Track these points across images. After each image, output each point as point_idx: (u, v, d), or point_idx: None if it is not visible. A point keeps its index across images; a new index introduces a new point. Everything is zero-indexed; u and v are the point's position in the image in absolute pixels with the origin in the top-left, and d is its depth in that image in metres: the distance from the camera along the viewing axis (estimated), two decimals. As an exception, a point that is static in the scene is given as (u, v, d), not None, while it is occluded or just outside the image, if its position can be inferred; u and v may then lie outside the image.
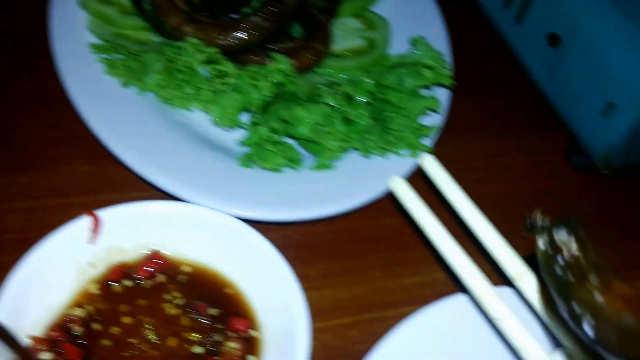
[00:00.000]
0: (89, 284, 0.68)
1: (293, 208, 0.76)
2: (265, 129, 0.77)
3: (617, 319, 0.44)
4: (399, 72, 0.86)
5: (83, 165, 0.81)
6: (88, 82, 0.81)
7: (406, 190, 0.65)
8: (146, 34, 0.88)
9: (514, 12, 0.94)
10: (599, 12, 0.82)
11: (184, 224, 0.71)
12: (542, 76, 0.92)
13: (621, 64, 0.79)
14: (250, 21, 0.83)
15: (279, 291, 0.67)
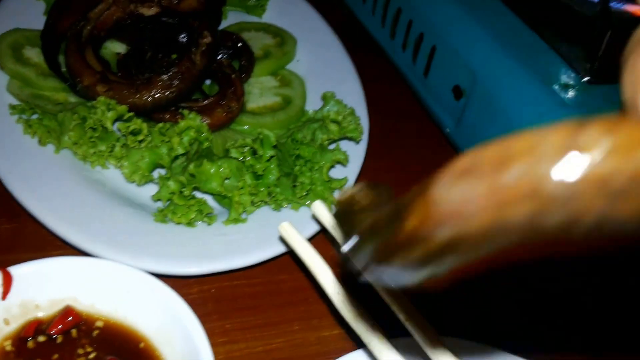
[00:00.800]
0: (3, 341, 0.72)
1: (205, 261, 0.82)
2: (174, 183, 0.83)
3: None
4: (312, 127, 0.93)
5: (2, 224, 0.86)
6: (6, 142, 0.87)
7: (294, 233, 0.70)
8: (64, 94, 0.94)
9: (421, 67, 1.03)
10: (495, 63, 0.91)
11: (98, 280, 0.75)
12: (451, 128, 0.99)
13: (520, 113, 0.87)
14: (161, 80, 0.90)
15: (191, 346, 0.72)
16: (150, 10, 0.99)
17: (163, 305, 0.74)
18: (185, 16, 1.00)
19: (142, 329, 0.75)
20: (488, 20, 0.95)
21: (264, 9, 1.19)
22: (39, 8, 1.06)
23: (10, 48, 0.95)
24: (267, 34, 1.11)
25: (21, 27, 0.99)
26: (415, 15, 1.02)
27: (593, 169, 0.27)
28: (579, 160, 0.27)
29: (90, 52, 0.95)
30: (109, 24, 0.99)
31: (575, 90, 0.86)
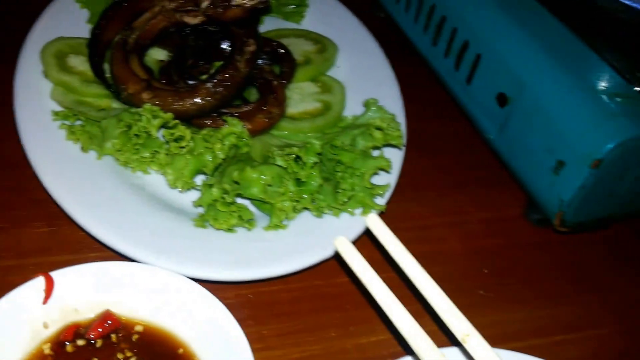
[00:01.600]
0: (42, 344, 0.71)
1: (245, 268, 0.80)
2: (217, 190, 0.81)
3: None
4: (352, 133, 0.91)
5: (41, 228, 0.85)
6: (48, 148, 0.86)
7: (351, 249, 0.68)
8: (107, 101, 0.94)
9: (464, 74, 1.00)
10: (543, 71, 0.88)
11: (138, 284, 0.74)
12: (494, 135, 0.97)
13: (567, 122, 0.84)
14: (205, 87, 0.89)
15: (231, 352, 0.70)
16: (195, 19, 0.98)
17: (203, 311, 0.73)
18: (228, 24, 0.99)
19: (182, 334, 0.74)
20: (536, 29, 0.92)
21: (303, 16, 1.17)
22: (81, 16, 1.05)
23: (54, 57, 0.95)
24: (307, 41, 1.10)
25: (65, 36, 0.99)
26: (460, 23, 1.00)
27: None
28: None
29: (136, 60, 0.94)
30: (153, 33, 0.98)
31: (625, 99, 0.83)
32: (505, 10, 0.95)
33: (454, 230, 0.98)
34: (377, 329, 0.83)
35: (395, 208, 0.94)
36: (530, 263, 0.96)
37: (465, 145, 1.10)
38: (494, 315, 0.88)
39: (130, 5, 0.99)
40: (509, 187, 1.03)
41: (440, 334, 0.67)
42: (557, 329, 0.88)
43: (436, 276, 0.61)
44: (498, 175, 1.05)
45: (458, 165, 1.07)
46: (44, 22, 1.02)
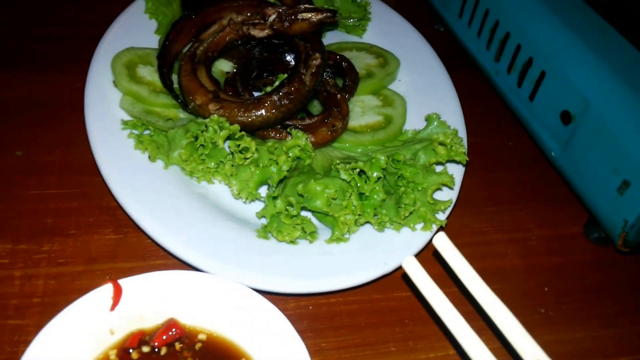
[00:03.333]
0: (109, 350, 0.70)
1: (307, 280, 0.78)
2: (281, 202, 0.80)
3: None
4: (413, 147, 0.89)
5: (109, 234, 0.85)
6: (117, 157, 0.86)
7: (419, 270, 0.66)
8: (174, 111, 0.93)
9: (527, 90, 0.97)
10: (609, 91, 0.84)
11: (201, 294, 0.73)
12: (557, 152, 0.93)
13: (634, 142, 0.81)
14: (271, 100, 0.88)
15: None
16: (262, 33, 0.97)
17: (265, 321, 0.71)
18: (293, 37, 0.98)
19: (244, 344, 0.72)
20: (602, 46, 0.89)
21: (365, 29, 1.15)
22: (150, 26, 1.05)
23: (125, 67, 0.95)
24: (369, 54, 1.08)
25: (134, 46, 0.99)
26: (524, 39, 0.97)
27: None
28: None
29: (204, 72, 0.93)
30: (221, 45, 0.97)
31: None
32: (571, 27, 0.91)
33: (513, 247, 0.95)
34: (436, 346, 0.80)
35: (454, 222, 0.92)
36: (591, 281, 0.92)
37: (525, 161, 1.07)
38: (556, 335, 0.84)
39: (199, 17, 0.98)
40: (569, 204, 1.00)
41: (504, 353, 0.64)
42: (621, 350, 0.84)
43: (496, 293, 0.58)
44: (558, 192, 1.01)
45: (518, 181, 1.04)
46: (114, 32, 1.02)
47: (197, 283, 0.73)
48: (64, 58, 1.06)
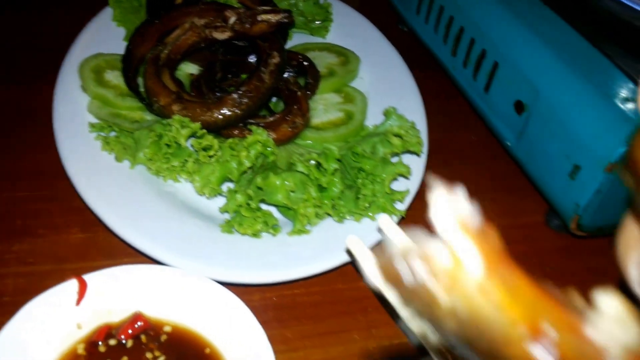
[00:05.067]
0: (76, 344, 0.71)
1: (269, 271, 0.79)
2: (241, 196, 0.81)
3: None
4: (372, 140, 0.90)
5: (77, 234, 0.85)
6: (84, 158, 0.87)
7: (362, 247, 0.67)
8: (140, 113, 0.94)
9: (482, 83, 0.98)
10: (557, 77, 0.86)
11: (167, 287, 0.74)
12: (512, 142, 0.95)
13: (582, 127, 0.82)
14: (231, 98, 0.89)
15: (254, 352, 0.70)
16: (223, 35, 0.98)
17: (228, 313, 0.72)
18: (255, 38, 0.99)
19: (208, 335, 0.73)
20: (550, 36, 0.90)
21: (328, 30, 1.17)
22: (119, 34, 1.06)
23: (92, 72, 0.96)
24: (331, 54, 1.09)
25: (103, 52, 1.00)
26: (477, 33, 0.98)
27: None
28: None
29: (167, 74, 0.94)
30: (184, 48, 0.98)
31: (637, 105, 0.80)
32: (519, 18, 0.93)
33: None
34: (399, 332, 0.81)
35: (418, 215, 0.92)
36: (552, 268, 0.94)
37: (488, 155, 1.08)
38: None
39: (162, 22, 0.99)
40: (531, 195, 1.01)
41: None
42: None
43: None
44: (520, 184, 1.02)
45: (480, 175, 1.05)
46: (83, 40, 1.03)
47: (162, 277, 0.75)
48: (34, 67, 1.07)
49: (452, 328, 0.24)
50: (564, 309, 0.25)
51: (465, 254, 0.24)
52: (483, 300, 0.24)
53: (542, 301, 0.25)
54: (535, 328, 0.24)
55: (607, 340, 0.24)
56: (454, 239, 0.25)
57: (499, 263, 0.25)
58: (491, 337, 0.24)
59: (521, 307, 0.24)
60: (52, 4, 1.20)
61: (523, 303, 0.24)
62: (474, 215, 0.26)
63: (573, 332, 0.24)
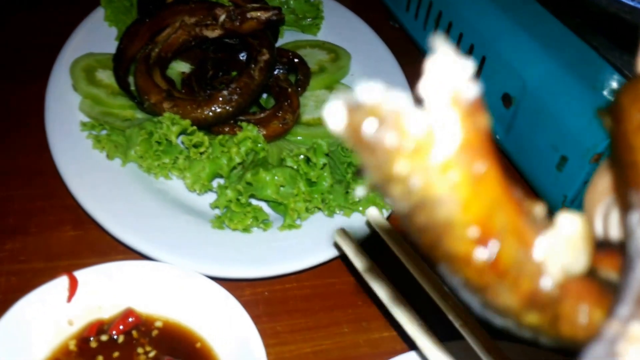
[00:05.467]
0: (68, 340, 0.71)
1: (260, 266, 0.80)
2: (231, 191, 0.81)
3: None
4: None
5: (69, 232, 0.85)
6: (76, 156, 0.87)
7: (349, 239, 0.67)
8: (131, 111, 0.94)
9: (471, 77, 0.99)
10: (543, 70, 0.86)
11: (158, 283, 0.74)
12: (501, 135, 0.95)
13: (569, 119, 0.82)
14: (221, 95, 0.89)
15: (245, 346, 0.70)
16: (213, 33, 0.99)
17: (219, 307, 0.73)
18: (245, 36, 0.99)
19: (199, 330, 0.73)
20: (538, 30, 0.90)
21: (319, 28, 1.17)
22: (111, 33, 1.06)
23: (83, 71, 0.96)
24: (322, 51, 1.09)
25: (94, 52, 1.00)
26: (465, 27, 0.98)
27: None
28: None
29: (158, 72, 0.95)
30: (175, 46, 0.98)
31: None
32: (506, 13, 0.93)
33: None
34: (389, 325, 0.81)
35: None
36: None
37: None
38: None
39: (152, 21, 1.00)
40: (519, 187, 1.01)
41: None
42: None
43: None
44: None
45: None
46: (75, 40, 1.03)
47: (153, 273, 0.75)
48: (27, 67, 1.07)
49: (398, 194, 0.23)
50: (522, 217, 0.24)
51: (443, 128, 0.22)
52: (441, 178, 0.22)
53: (502, 202, 0.23)
54: (484, 224, 0.23)
55: (550, 258, 0.24)
56: (438, 109, 0.22)
57: (477, 149, 0.23)
58: (434, 216, 0.23)
59: (478, 200, 0.23)
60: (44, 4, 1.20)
61: (482, 196, 0.23)
62: (471, 90, 0.23)
63: (520, 242, 0.23)
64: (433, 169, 0.22)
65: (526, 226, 0.24)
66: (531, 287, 0.24)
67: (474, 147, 0.23)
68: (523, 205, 0.24)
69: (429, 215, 0.23)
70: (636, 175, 0.25)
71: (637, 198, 0.25)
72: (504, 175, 0.24)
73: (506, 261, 0.23)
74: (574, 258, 0.24)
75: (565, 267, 0.24)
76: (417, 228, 0.24)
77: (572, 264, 0.24)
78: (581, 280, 0.25)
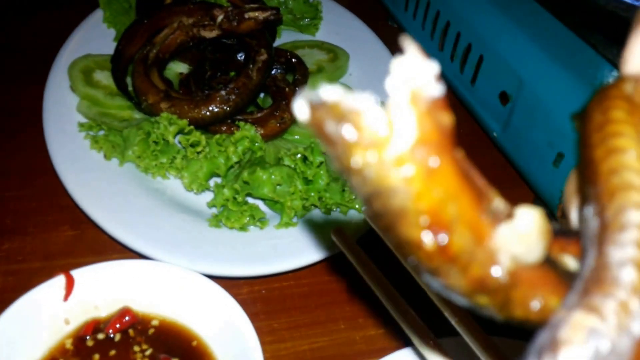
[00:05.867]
0: (64, 339, 0.71)
1: (256, 264, 0.79)
2: (228, 190, 0.81)
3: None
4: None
5: (67, 232, 0.85)
6: (73, 157, 0.87)
7: (345, 237, 0.67)
8: (129, 112, 0.94)
9: (468, 75, 0.98)
10: (539, 67, 0.86)
11: (154, 282, 0.74)
12: (498, 132, 0.95)
13: (565, 116, 0.82)
14: (219, 95, 0.89)
15: (241, 344, 0.70)
16: (211, 33, 0.99)
17: (216, 306, 0.72)
18: (243, 36, 0.99)
19: (195, 328, 0.73)
20: (535, 28, 0.90)
21: (317, 28, 1.17)
22: (109, 35, 1.07)
23: (81, 72, 0.96)
24: (320, 51, 1.09)
25: (92, 53, 1.00)
26: (463, 27, 0.98)
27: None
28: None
29: (155, 73, 0.95)
30: (172, 47, 0.98)
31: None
32: (504, 11, 0.93)
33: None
34: (387, 322, 0.81)
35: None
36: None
37: (475, 147, 1.08)
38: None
39: (151, 22, 1.00)
40: (517, 184, 1.00)
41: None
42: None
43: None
44: (506, 174, 1.02)
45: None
46: (73, 42, 1.04)
47: (150, 271, 0.74)
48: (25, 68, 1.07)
49: (356, 183, 0.24)
50: (478, 209, 0.25)
51: (400, 125, 0.23)
52: (394, 171, 0.23)
53: (457, 194, 0.24)
54: (435, 214, 0.24)
55: (502, 248, 0.25)
56: (398, 107, 0.23)
57: (434, 145, 0.24)
58: (388, 204, 0.24)
59: (431, 192, 0.24)
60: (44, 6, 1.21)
61: (435, 189, 0.24)
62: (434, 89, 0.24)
63: (472, 231, 0.25)
64: (387, 163, 0.23)
65: (481, 217, 0.25)
66: (480, 273, 0.25)
67: (431, 143, 0.24)
68: (482, 198, 0.25)
69: (384, 203, 0.24)
70: (592, 172, 0.26)
71: (592, 192, 0.26)
72: (464, 169, 0.25)
73: (456, 248, 0.24)
74: (528, 249, 0.25)
75: (517, 257, 0.25)
76: (373, 213, 0.25)
77: (526, 254, 0.26)
78: (537, 269, 0.26)
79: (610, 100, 0.28)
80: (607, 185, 0.25)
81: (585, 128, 0.28)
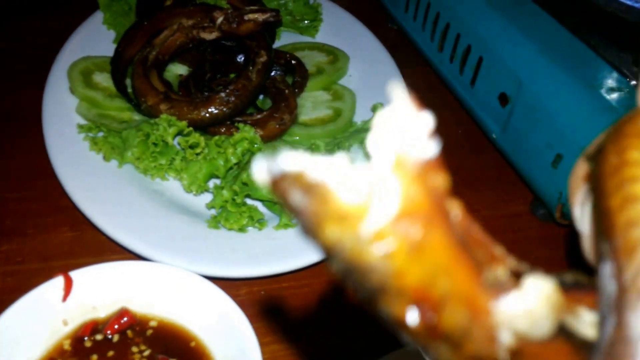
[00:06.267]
0: (62, 340, 0.71)
1: (254, 265, 0.79)
2: (227, 192, 0.81)
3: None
4: (360, 136, 0.90)
5: (65, 233, 0.85)
6: (72, 158, 0.87)
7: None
8: (128, 113, 0.94)
9: (468, 77, 0.98)
10: (539, 68, 0.86)
11: (153, 283, 0.74)
12: (497, 133, 0.94)
13: (565, 116, 0.82)
14: (218, 97, 0.89)
15: (240, 345, 0.69)
16: (211, 35, 0.99)
17: (214, 306, 0.72)
18: (243, 38, 0.99)
19: (194, 329, 0.73)
20: (534, 30, 0.90)
21: (317, 29, 1.17)
22: (109, 37, 1.07)
23: (80, 74, 0.96)
24: (320, 53, 1.09)
25: (92, 55, 1.00)
26: (463, 29, 0.98)
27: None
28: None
29: (155, 75, 0.95)
30: (172, 49, 0.98)
31: (622, 94, 0.80)
32: (503, 12, 0.93)
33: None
34: (386, 322, 0.80)
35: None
36: (537, 256, 0.93)
37: (472, 146, 1.08)
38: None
39: (150, 24, 1.00)
40: (516, 185, 1.00)
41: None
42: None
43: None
44: (505, 175, 1.02)
45: (466, 167, 1.04)
46: (73, 43, 1.04)
47: (148, 272, 0.74)
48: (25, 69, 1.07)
49: (329, 256, 0.21)
50: (475, 281, 0.22)
51: (380, 195, 0.20)
52: (371, 248, 0.20)
53: (448, 267, 0.21)
54: (421, 290, 0.21)
55: (503, 324, 0.22)
56: (379, 172, 0.20)
57: (421, 214, 0.20)
58: (364, 282, 0.21)
59: (415, 269, 0.20)
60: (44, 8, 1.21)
61: (421, 264, 0.20)
62: (427, 148, 0.21)
63: (468, 307, 0.21)
64: (363, 237, 0.20)
65: (478, 290, 0.22)
66: (477, 351, 0.22)
67: (419, 212, 0.20)
68: (482, 267, 0.23)
69: (359, 280, 0.21)
70: (608, 224, 0.23)
71: (608, 247, 0.23)
72: (461, 234, 0.22)
73: (447, 326, 0.22)
74: (534, 325, 0.23)
75: (521, 333, 0.23)
76: (350, 287, 0.22)
77: (532, 330, 0.23)
78: (547, 343, 0.23)
79: (626, 138, 0.24)
80: (624, 240, 0.22)
81: (599, 172, 0.25)
